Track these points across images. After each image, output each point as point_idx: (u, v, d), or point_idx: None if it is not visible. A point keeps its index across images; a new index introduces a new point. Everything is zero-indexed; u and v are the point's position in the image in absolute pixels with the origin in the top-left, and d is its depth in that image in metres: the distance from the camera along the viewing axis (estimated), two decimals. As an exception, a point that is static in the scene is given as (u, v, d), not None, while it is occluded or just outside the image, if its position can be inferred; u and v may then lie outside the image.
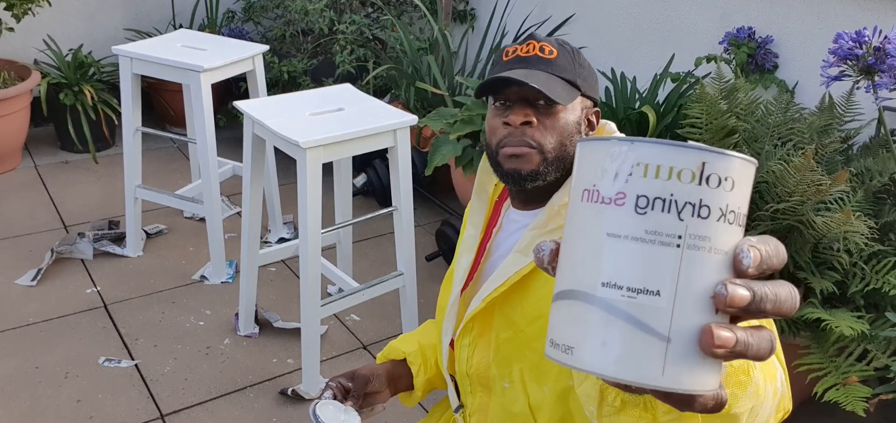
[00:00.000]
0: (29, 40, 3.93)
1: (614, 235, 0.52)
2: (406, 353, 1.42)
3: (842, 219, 1.97)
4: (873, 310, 2.08)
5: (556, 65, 1.17)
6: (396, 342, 1.46)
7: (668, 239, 0.51)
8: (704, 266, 0.51)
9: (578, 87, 1.18)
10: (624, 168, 0.52)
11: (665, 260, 0.51)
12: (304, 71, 3.95)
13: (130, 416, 2.23)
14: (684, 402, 0.55)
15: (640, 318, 0.51)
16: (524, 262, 1.14)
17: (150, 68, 2.80)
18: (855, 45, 1.86)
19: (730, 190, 0.51)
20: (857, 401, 1.87)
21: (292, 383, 2.38)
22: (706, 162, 0.51)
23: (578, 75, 1.18)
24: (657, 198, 0.51)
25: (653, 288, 0.51)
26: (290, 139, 2.14)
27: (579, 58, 1.21)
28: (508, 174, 1.18)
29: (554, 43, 1.20)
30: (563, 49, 1.20)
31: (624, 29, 3.42)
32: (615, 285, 0.51)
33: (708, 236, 0.51)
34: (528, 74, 1.14)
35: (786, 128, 2.44)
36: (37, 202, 3.41)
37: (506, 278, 1.16)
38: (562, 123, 1.16)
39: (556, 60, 1.17)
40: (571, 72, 1.18)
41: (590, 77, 1.21)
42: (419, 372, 1.41)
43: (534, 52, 1.18)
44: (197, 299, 2.80)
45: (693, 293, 0.51)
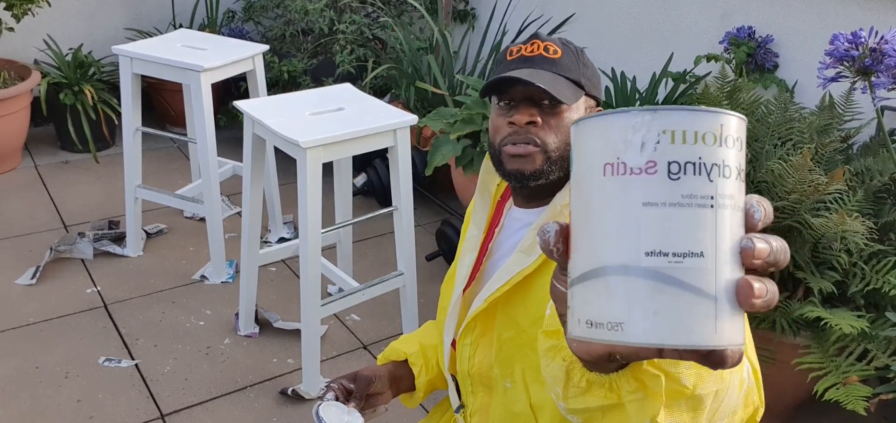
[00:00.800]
0: (29, 40, 3.93)
1: (651, 203, 0.52)
2: (407, 354, 1.42)
3: (838, 220, 1.97)
4: (873, 310, 2.08)
5: (560, 65, 1.17)
6: (397, 343, 1.46)
7: (704, 201, 0.52)
8: (732, 223, 0.53)
9: (582, 86, 1.18)
10: (650, 137, 0.52)
11: (704, 221, 0.52)
12: (304, 71, 3.95)
13: (130, 416, 2.23)
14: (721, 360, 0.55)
15: (691, 281, 0.52)
16: (527, 262, 1.14)
17: (151, 68, 2.80)
18: (851, 46, 1.86)
19: (740, 149, 0.54)
20: (857, 400, 1.87)
21: (292, 383, 2.38)
22: (723, 124, 0.53)
23: (582, 75, 1.19)
24: (688, 162, 0.52)
25: (697, 250, 0.52)
26: (290, 139, 2.14)
27: (583, 57, 1.21)
28: (511, 174, 1.18)
29: (558, 42, 1.20)
30: (568, 49, 1.20)
31: (624, 28, 3.42)
32: (660, 252, 0.52)
33: (732, 195, 0.53)
34: (532, 74, 1.14)
35: (785, 127, 2.44)
36: (37, 202, 3.41)
37: (508, 278, 1.16)
38: (566, 122, 1.17)
39: (560, 60, 1.18)
40: (576, 71, 1.18)
41: (593, 77, 1.22)
42: (421, 373, 1.41)
43: (538, 51, 1.18)
44: (197, 299, 2.80)
45: (727, 251, 0.53)
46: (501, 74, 1.16)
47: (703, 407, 0.73)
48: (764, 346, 2.10)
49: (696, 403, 0.72)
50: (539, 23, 3.74)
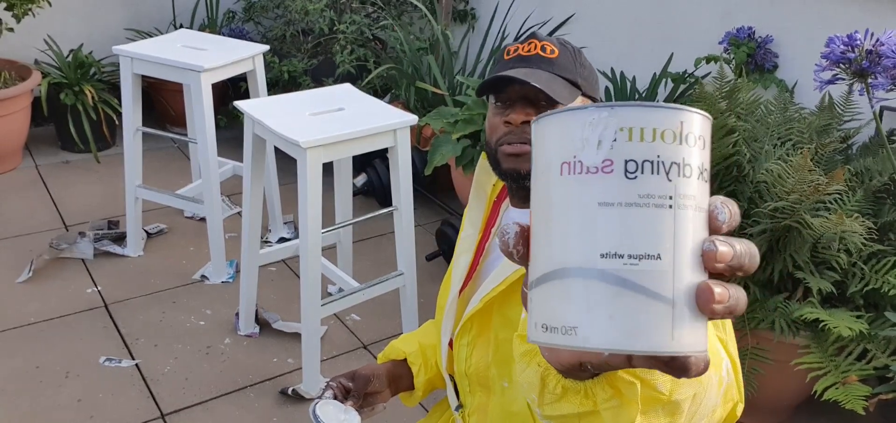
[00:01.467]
0: (29, 40, 3.93)
1: (607, 203, 0.50)
2: (406, 353, 1.42)
3: (838, 220, 1.98)
4: (873, 309, 2.09)
5: (557, 64, 1.17)
6: (397, 342, 1.46)
7: (661, 201, 0.50)
8: (693, 224, 0.51)
9: (579, 86, 1.18)
10: (607, 134, 0.50)
11: (662, 222, 0.50)
12: (305, 71, 3.95)
13: (131, 415, 2.23)
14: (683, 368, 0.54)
15: (646, 285, 0.50)
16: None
17: (151, 68, 2.80)
18: (847, 48, 1.86)
19: (702, 147, 0.52)
20: (856, 400, 1.88)
21: (293, 382, 2.39)
22: (683, 121, 0.51)
23: (580, 75, 1.19)
24: (646, 160, 0.50)
25: (654, 252, 0.50)
26: (290, 139, 2.14)
27: (580, 57, 1.21)
28: (508, 173, 1.18)
29: (556, 42, 1.20)
30: (565, 49, 1.20)
31: (624, 28, 3.42)
32: (616, 254, 0.50)
33: (693, 195, 0.51)
34: (529, 74, 1.14)
35: (785, 128, 2.44)
36: (37, 202, 3.42)
37: (504, 278, 1.15)
38: None
39: (557, 60, 1.18)
40: (573, 71, 1.18)
41: (591, 77, 1.22)
42: (420, 372, 1.41)
43: (535, 51, 1.18)
44: (197, 299, 2.80)
45: (687, 253, 0.51)
46: (498, 73, 1.16)
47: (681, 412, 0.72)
48: (763, 346, 2.10)
49: (674, 408, 0.71)
50: (539, 23, 3.74)
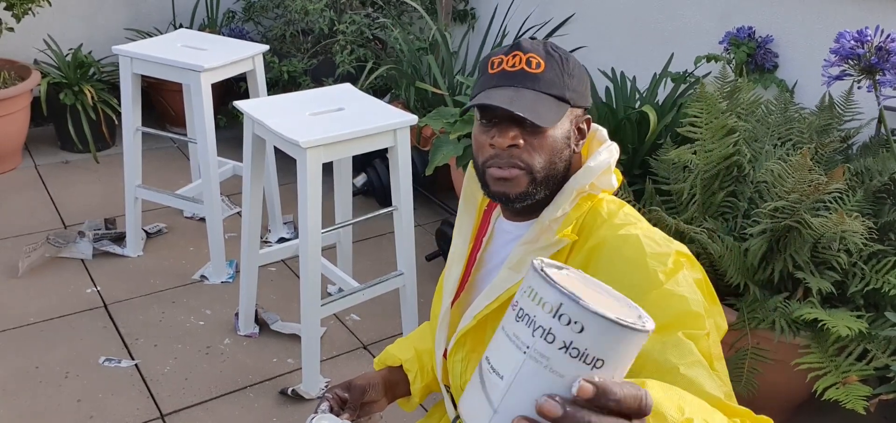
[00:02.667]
0: (29, 40, 3.93)
1: (502, 327, 0.73)
2: (402, 360, 1.41)
3: (837, 220, 1.97)
4: (873, 309, 2.08)
5: (542, 80, 1.12)
6: (393, 348, 1.45)
7: (520, 344, 0.69)
8: (539, 377, 0.68)
9: (567, 100, 1.14)
10: (526, 287, 0.71)
11: (514, 356, 0.69)
12: (304, 71, 3.95)
13: (130, 416, 2.23)
14: None
15: (486, 386, 0.71)
16: (516, 279, 1.13)
17: (151, 68, 2.80)
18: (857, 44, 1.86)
19: (578, 332, 0.67)
20: (857, 400, 1.87)
21: (292, 382, 2.39)
22: (563, 304, 0.67)
23: (567, 87, 1.14)
24: (526, 313, 0.70)
25: (500, 371, 0.70)
26: (290, 139, 2.14)
27: (568, 66, 1.16)
28: (496, 195, 1.16)
29: (542, 52, 1.15)
30: (552, 59, 1.15)
31: (624, 28, 3.42)
32: (487, 359, 0.73)
33: (548, 357, 0.68)
34: (513, 97, 1.10)
35: (785, 127, 2.44)
36: (37, 202, 3.41)
37: (497, 296, 1.14)
38: (550, 141, 1.13)
39: (542, 75, 1.13)
40: (559, 85, 1.13)
41: (580, 85, 1.17)
42: (416, 379, 1.40)
43: (520, 65, 1.13)
44: (197, 299, 2.80)
45: (524, 390, 0.69)
46: (481, 92, 1.13)
47: None
48: (763, 346, 2.10)
49: None
50: (539, 23, 3.74)
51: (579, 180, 1.15)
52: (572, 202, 1.15)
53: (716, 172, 2.35)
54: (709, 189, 2.36)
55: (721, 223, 2.29)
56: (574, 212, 1.15)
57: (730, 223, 2.30)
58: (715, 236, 2.18)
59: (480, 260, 1.28)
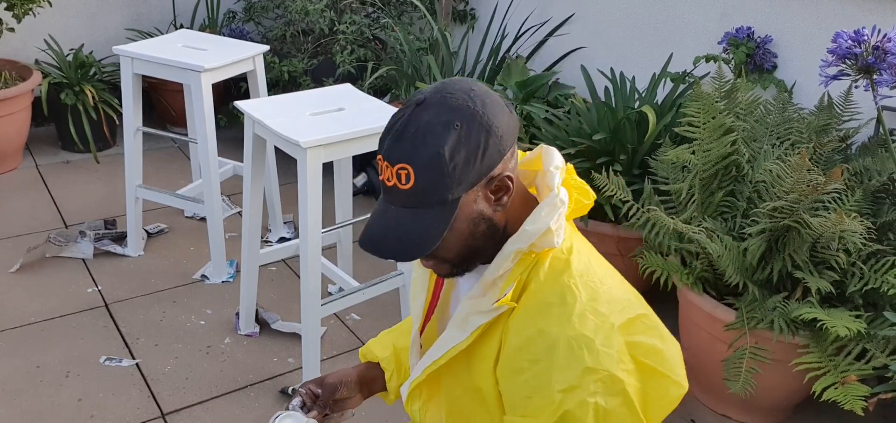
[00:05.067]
0: (30, 40, 3.94)
1: None
2: (380, 358, 1.41)
3: (836, 219, 1.98)
4: (872, 309, 2.09)
5: (415, 194, 1.03)
6: (373, 344, 1.45)
7: None
8: None
9: (454, 197, 1.03)
10: None
11: None
12: (305, 71, 3.96)
13: (131, 415, 2.24)
14: None
15: None
16: (460, 337, 1.12)
17: (151, 68, 2.80)
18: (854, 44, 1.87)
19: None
20: (855, 400, 1.88)
21: (293, 382, 2.39)
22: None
23: (450, 186, 1.02)
24: None
25: None
26: (290, 139, 2.14)
27: (447, 161, 1.00)
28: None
29: (410, 156, 1.01)
30: (422, 162, 1.01)
31: (623, 28, 3.43)
32: None
33: None
34: (386, 229, 1.05)
35: (784, 127, 2.44)
36: (38, 202, 3.42)
37: (443, 353, 1.14)
38: (451, 237, 1.06)
39: (414, 189, 1.02)
40: (438, 189, 1.02)
41: (470, 167, 1.02)
42: (392, 377, 1.39)
43: (392, 180, 1.04)
44: (198, 299, 2.80)
45: None
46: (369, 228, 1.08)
47: None
48: (762, 345, 2.10)
49: None
50: (539, 23, 3.74)
51: (516, 243, 1.08)
52: (513, 261, 1.09)
53: (714, 171, 2.35)
54: (708, 189, 2.36)
55: (720, 223, 2.29)
56: (517, 268, 1.09)
57: (729, 223, 2.31)
58: (714, 235, 2.18)
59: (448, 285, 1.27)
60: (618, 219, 2.58)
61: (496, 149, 1.04)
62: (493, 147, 1.03)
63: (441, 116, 1.02)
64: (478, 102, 1.04)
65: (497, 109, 1.05)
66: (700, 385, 2.42)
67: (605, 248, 2.63)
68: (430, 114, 1.03)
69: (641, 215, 2.37)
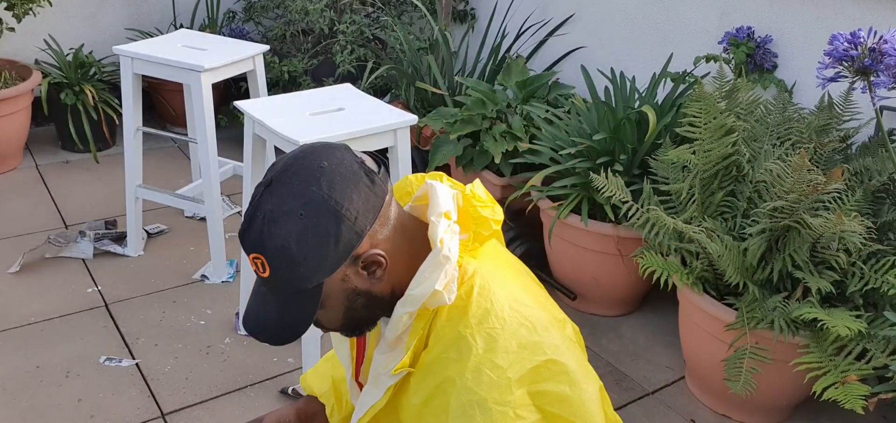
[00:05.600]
0: (30, 40, 3.94)
1: None
2: (318, 393, 1.37)
3: (836, 219, 1.98)
4: (872, 309, 2.09)
5: (276, 284, 1.02)
6: (310, 377, 1.41)
7: None
8: None
9: (312, 285, 1.01)
10: None
11: None
12: (305, 71, 3.96)
13: (131, 415, 2.24)
14: None
15: None
16: (377, 396, 1.11)
17: (151, 68, 2.80)
18: (850, 46, 1.87)
19: None
20: (855, 400, 1.88)
21: (293, 382, 2.39)
22: None
23: (306, 273, 0.99)
24: None
25: None
26: (290, 139, 2.14)
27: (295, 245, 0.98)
28: None
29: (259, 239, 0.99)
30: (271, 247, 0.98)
31: (623, 28, 3.43)
32: None
33: None
34: (258, 320, 1.07)
35: (784, 127, 2.44)
36: (38, 202, 3.42)
37: (364, 412, 1.13)
38: (331, 313, 1.06)
39: (270, 279, 1.01)
40: (294, 278, 1.00)
41: (322, 249, 0.99)
42: (333, 412, 1.36)
43: (254, 268, 1.03)
44: (198, 299, 2.80)
45: None
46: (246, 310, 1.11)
47: None
48: (762, 345, 2.10)
49: None
50: (539, 23, 3.74)
51: (405, 306, 1.05)
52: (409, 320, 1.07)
53: (715, 171, 2.35)
54: (708, 189, 2.36)
55: (720, 223, 2.29)
56: (418, 323, 1.07)
57: (729, 223, 2.31)
58: (714, 235, 2.18)
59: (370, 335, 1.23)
60: (618, 219, 2.58)
61: (351, 231, 0.99)
62: (347, 231, 0.99)
63: (285, 204, 0.98)
64: (324, 185, 0.98)
65: (348, 188, 0.99)
66: (700, 385, 2.42)
67: (605, 248, 2.63)
68: (274, 201, 0.98)
69: (641, 215, 2.37)
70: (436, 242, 1.04)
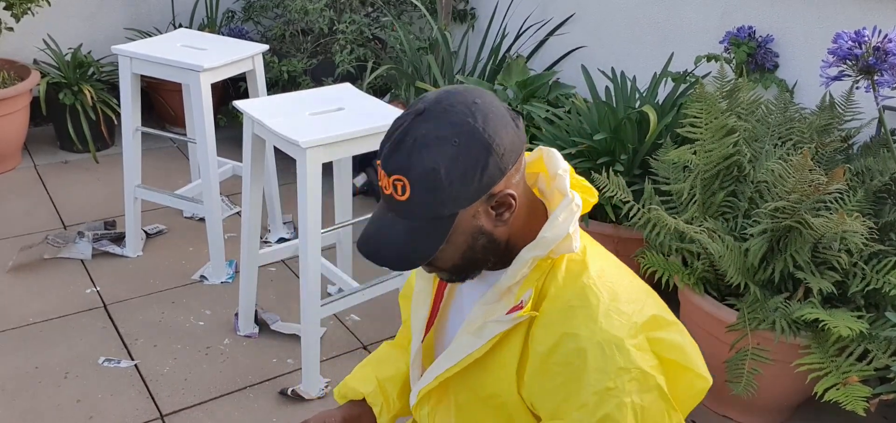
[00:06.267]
0: (28, 40, 3.93)
1: None
2: (365, 393, 1.36)
3: (838, 220, 1.97)
4: (873, 310, 2.08)
5: (411, 207, 1.01)
6: (353, 381, 1.39)
7: None
8: None
9: (450, 215, 1.02)
10: None
11: None
12: (304, 71, 3.95)
13: (130, 416, 2.23)
14: None
15: None
16: (477, 344, 1.11)
17: (150, 68, 2.80)
18: (854, 45, 1.86)
19: None
20: (857, 401, 1.87)
21: (292, 383, 2.38)
22: None
23: (445, 202, 1.00)
24: None
25: None
26: (289, 139, 2.14)
27: (443, 176, 0.99)
28: None
29: (407, 169, 1.00)
30: (418, 170, 0.99)
31: (624, 28, 3.42)
32: None
33: None
34: (380, 236, 1.05)
35: (785, 127, 2.44)
36: (36, 202, 3.41)
37: (457, 361, 1.13)
38: (449, 250, 1.05)
39: (409, 202, 1.01)
40: (433, 204, 1.00)
41: (468, 178, 1.00)
42: (382, 412, 1.35)
43: (389, 189, 1.02)
44: (197, 300, 2.80)
45: None
46: (366, 231, 1.08)
47: None
48: (763, 346, 2.10)
49: None
50: (539, 23, 3.74)
51: (535, 250, 1.08)
52: (530, 267, 1.09)
53: (716, 171, 2.35)
54: (709, 189, 2.36)
55: (721, 223, 2.29)
56: (534, 274, 1.09)
57: (730, 223, 2.30)
58: (715, 235, 2.18)
59: (448, 296, 1.26)
60: (618, 219, 2.57)
61: (496, 167, 1.01)
62: (493, 165, 1.01)
63: (440, 130, 1.00)
64: (479, 118, 1.00)
65: (499, 126, 1.02)
66: (701, 386, 2.42)
67: (606, 248, 2.62)
68: (428, 126, 1.00)
69: (642, 216, 2.36)
70: (566, 191, 1.10)
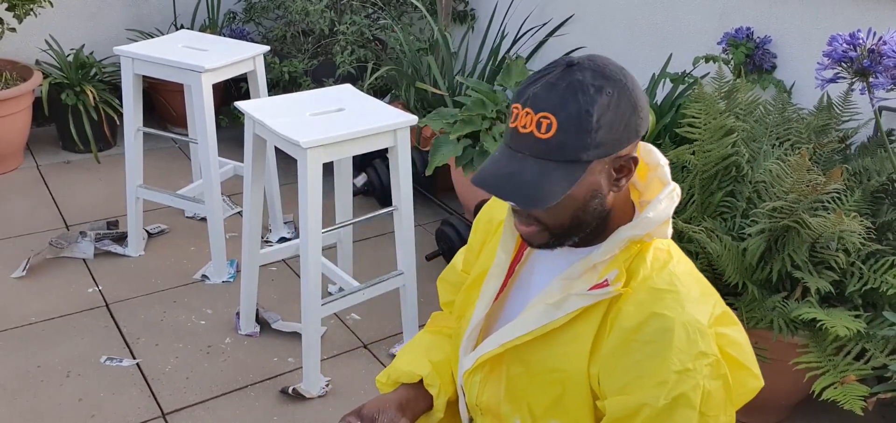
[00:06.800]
0: (31, 40, 3.94)
1: None
2: (421, 375, 1.34)
3: (836, 220, 1.98)
4: (871, 309, 2.09)
5: (551, 146, 1.03)
6: (404, 364, 1.36)
7: None
8: None
9: (586, 160, 1.04)
10: None
11: None
12: (305, 71, 3.96)
13: (132, 415, 2.24)
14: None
15: None
16: (556, 315, 1.13)
17: (152, 68, 2.81)
18: (849, 47, 1.87)
19: None
20: (854, 400, 1.88)
21: (293, 382, 2.40)
22: None
23: (587, 146, 1.03)
24: None
25: None
26: (290, 139, 2.15)
27: (592, 120, 1.02)
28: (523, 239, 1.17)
29: (559, 107, 1.03)
30: (570, 116, 1.02)
31: (622, 29, 3.43)
32: None
33: None
34: (512, 174, 1.05)
35: (783, 128, 2.45)
36: (39, 202, 3.42)
37: (530, 330, 1.14)
38: (566, 202, 1.07)
39: (551, 140, 1.03)
40: (574, 147, 1.03)
41: (611, 135, 1.04)
42: (440, 394, 1.34)
43: (530, 127, 1.04)
44: (198, 299, 2.81)
45: None
46: (488, 161, 1.09)
47: None
48: (761, 345, 2.10)
49: None
50: (538, 24, 3.75)
51: (635, 230, 1.12)
52: (621, 247, 1.12)
53: (714, 172, 2.36)
54: (707, 189, 2.37)
55: (719, 223, 2.30)
56: (622, 255, 1.12)
57: (728, 223, 2.31)
58: (713, 235, 2.19)
59: (517, 272, 1.26)
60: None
61: (635, 128, 1.08)
62: (634, 125, 1.07)
63: (596, 80, 1.05)
64: (629, 80, 1.08)
65: (642, 95, 1.10)
66: (700, 385, 2.42)
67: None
68: (584, 75, 1.05)
69: (641, 215, 2.37)
70: (667, 181, 1.16)
